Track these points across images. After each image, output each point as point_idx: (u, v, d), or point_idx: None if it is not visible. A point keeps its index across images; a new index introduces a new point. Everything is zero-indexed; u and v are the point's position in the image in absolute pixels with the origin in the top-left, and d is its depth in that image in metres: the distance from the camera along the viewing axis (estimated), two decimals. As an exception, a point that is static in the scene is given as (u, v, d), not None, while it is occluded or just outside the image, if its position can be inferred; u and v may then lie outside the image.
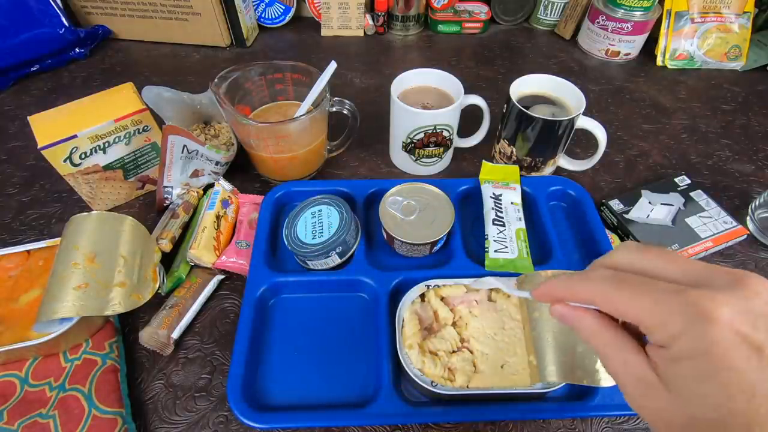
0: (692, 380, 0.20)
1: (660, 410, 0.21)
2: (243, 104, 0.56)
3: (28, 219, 0.55)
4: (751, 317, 0.19)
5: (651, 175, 0.61)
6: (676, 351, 0.20)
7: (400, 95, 0.56)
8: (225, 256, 0.48)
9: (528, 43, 0.85)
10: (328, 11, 0.83)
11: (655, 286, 0.21)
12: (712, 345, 0.19)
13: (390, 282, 0.46)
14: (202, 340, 0.45)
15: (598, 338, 0.24)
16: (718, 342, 0.19)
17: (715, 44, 0.77)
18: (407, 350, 0.39)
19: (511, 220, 0.50)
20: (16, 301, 0.43)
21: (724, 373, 0.19)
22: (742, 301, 0.19)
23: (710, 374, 0.19)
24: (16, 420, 0.38)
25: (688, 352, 0.20)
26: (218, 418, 0.40)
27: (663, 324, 0.20)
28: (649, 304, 0.21)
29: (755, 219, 0.54)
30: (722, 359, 0.19)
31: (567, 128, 0.52)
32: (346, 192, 0.54)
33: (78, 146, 0.48)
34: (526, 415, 0.40)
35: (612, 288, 0.22)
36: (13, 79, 0.73)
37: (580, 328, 0.25)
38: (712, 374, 0.19)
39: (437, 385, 0.37)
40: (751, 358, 0.19)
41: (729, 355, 0.19)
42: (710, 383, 0.19)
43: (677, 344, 0.20)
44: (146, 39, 0.83)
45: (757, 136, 0.67)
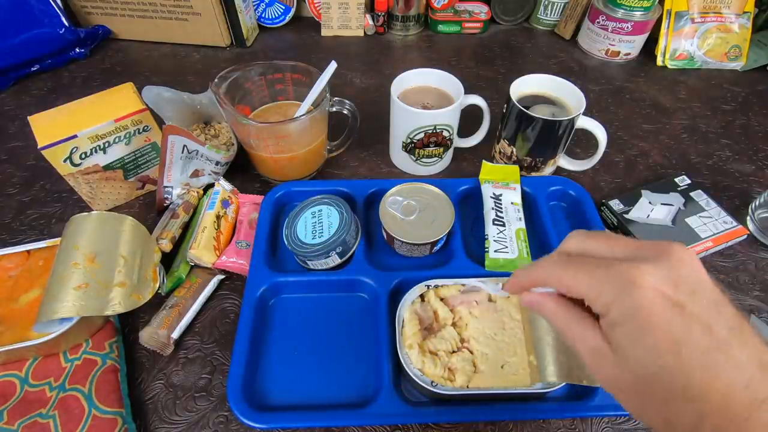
0: (628, 342, 0.22)
1: (612, 375, 0.23)
2: (243, 104, 0.56)
3: (28, 219, 0.55)
4: (674, 280, 0.22)
5: (651, 175, 0.61)
6: (611, 317, 0.22)
7: (400, 95, 0.56)
8: (225, 256, 0.48)
9: (528, 43, 0.85)
10: (328, 11, 0.83)
11: (592, 263, 0.24)
12: (639, 308, 0.21)
13: (390, 282, 0.46)
14: (202, 340, 0.45)
15: (558, 317, 0.26)
16: (643, 305, 0.21)
17: (715, 44, 0.77)
18: (407, 350, 0.39)
19: (511, 220, 0.50)
20: (16, 301, 0.43)
21: (650, 332, 0.21)
22: (666, 267, 0.22)
23: (641, 335, 0.21)
24: (16, 420, 0.38)
25: (620, 318, 0.22)
26: (218, 418, 0.40)
27: (598, 295, 0.23)
28: (586, 279, 0.24)
29: (755, 219, 0.54)
30: (648, 320, 0.21)
31: (567, 128, 0.52)
32: (346, 192, 0.54)
33: (78, 146, 0.48)
34: (526, 415, 0.40)
35: (559, 269, 0.25)
36: (13, 79, 0.73)
37: (544, 311, 0.27)
38: (642, 334, 0.21)
39: (437, 385, 0.37)
40: (674, 316, 0.21)
41: (654, 315, 0.21)
42: (642, 343, 0.21)
43: (611, 311, 0.22)
44: (146, 39, 0.83)
45: (757, 136, 0.67)
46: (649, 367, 0.21)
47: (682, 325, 0.21)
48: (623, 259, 0.23)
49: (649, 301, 0.21)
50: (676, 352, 0.21)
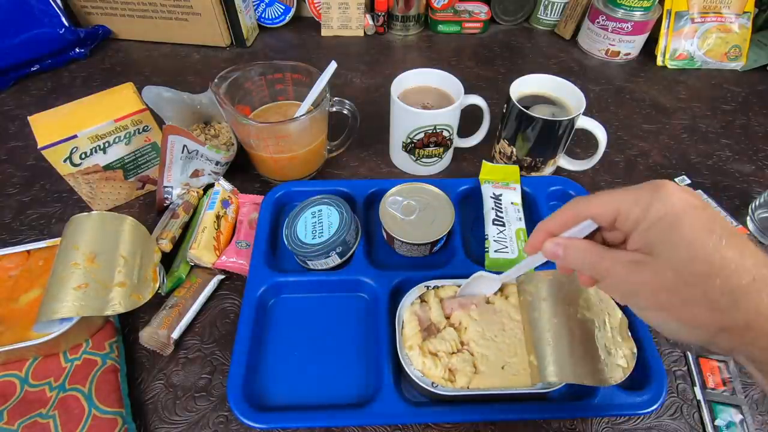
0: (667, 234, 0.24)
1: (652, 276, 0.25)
2: (243, 104, 0.56)
3: (28, 219, 0.55)
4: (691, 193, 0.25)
5: (651, 175, 0.61)
6: (651, 217, 0.25)
7: (400, 95, 0.56)
8: (225, 256, 0.48)
9: (528, 43, 0.85)
10: (328, 11, 0.83)
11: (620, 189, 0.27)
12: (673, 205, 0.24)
13: (390, 282, 0.46)
14: (202, 340, 0.45)
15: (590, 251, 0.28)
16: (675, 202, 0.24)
17: (715, 44, 0.77)
18: (407, 351, 0.39)
19: (511, 220, 0.50)
20: (16, 301, 0.43)
21: (686, 220, 0.24)
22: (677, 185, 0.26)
23: (677, 224, 0.24)
24: (16, 420, 0.38)
25: (658, 214, 0.25)
26: (218, 418, 0.40)
27: (636, 202, 0.25)
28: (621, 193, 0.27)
29: (755, 219, 0.54)
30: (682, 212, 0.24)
31: (567, 128, 0.52)
32: (346, 192, 0.54)
33: (78, 146, 0.48)
34: (526, 415, 0.40)
35: (591, 197, 0.28)
36: (13, 79, 0.73)
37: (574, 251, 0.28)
38: (679, 224, 0.24)
39: (438, 386, 0.37)
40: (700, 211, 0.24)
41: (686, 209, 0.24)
42: (679, 230, 0.24)
43: (649, 211, 0.25)
44: (146, 39, 0.83)
45: (757, 136, 0.67)
46: (689, 252, 0.23)
47: (708, 216, 0.24)
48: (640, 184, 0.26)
49: (680, 200, 0.24)
50: (710, 233, 0.23)
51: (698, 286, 0.23)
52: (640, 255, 0.25)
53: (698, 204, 0.24)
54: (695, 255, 0.23)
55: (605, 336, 0.37)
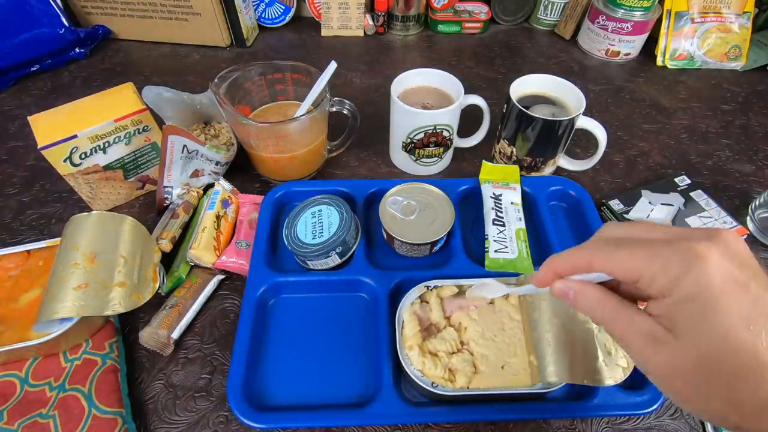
0: (696, 319, 0.21)
1: (670, 359, 0.22)
2: (243, 104, 0.56)
3: (28, 219, 0.55)
4: (735, 260, 0.21)
5: (651, 175, 0.61)
6: (680, 293, 0.21)
7: (400, 95, 0.56)
8: (225, 256, 0.48)
9: (528, 43, 0.85)
10: (328, 11, 0.83)
11: (649, 241, 0.23)
12: (709, 284, 0.21)
13: (390, 282, 0.46)
14: (202, 340, 0.45)
15: (603, 305, 0.24)
16: (712, 280, 0.21)
17: (715, 44, 0.77)
18: (407, 351, 0.39)
19: (511, 220, 0.50)
20: (16, 301, 0.43)
21: (722, 307, 0.20)
22: (723, 247, 0.21)
23: (711, 310, 0.21)
24: (16, 420, 0.38)
25: (689, 293, 0.21)
26: (218, 418, 0.40)
27: (663, 270, 0.22)
28: (646, 256, 0.22)
29: (755, 219, 0.54)
30: (719, 295, 0.20)
31: (567, 128, 0.52)
32: (346, 192, 0.54)
33: (78, 146, 0.48)
34: (526, 415, 0.40)
35: (611, 248, 0.24)
36: (13, 79, 0.73)
37: (583, 299, 0.25)
38: (713, 310, 0.21)
39: (438, 386, 0.37)
40: (741, 293, 0.21)
41: (724, 291, 0.20)
42: (713, 318, 0.21)
43: (679, 287, 0.21)
44: (146, 39, 0.83)
45: (757, 136, 0.67)
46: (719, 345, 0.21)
47: (749, 301, 0.21)
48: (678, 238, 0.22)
49: (719, 277, 0.21)
50: (748, 328, 0.20)
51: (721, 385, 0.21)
52: (660, 329, 0.22)
53: (742, 279, 0.21)
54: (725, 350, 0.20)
55: (605, 336, 0.37)
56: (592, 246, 0.25)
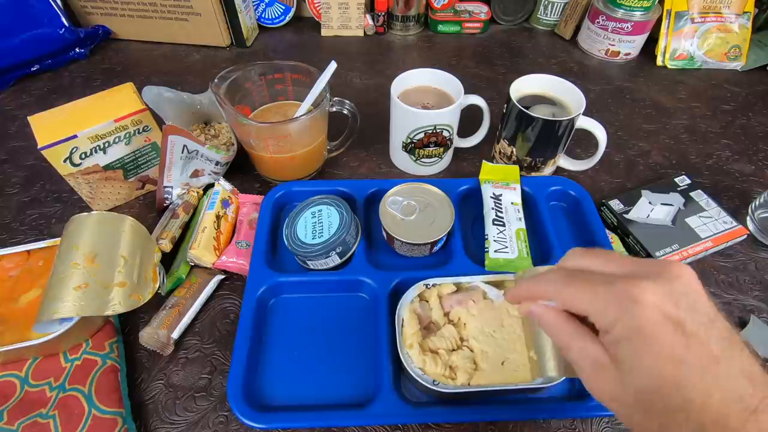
0: (632, 357, 0.23)
1: (612, 389, 0.24)
2: (243, 104, 0.56)
3: (28, 219, 0.55)
4: (674, 298, 0.23)
5: (651, 175, 0.61)
6: (616, 334, 0.23)
7: (400, 95, 0.56)
8: (225, 256, 0.48)
9: (528, 43, 0.85)
10: (328, 11, 0.83)
11: (594, 280, 0.25)
12: (643, 325, 0.22)
13: (390, 282, 0.46)
14: (202, 340, 0.45)
15: (558, 330, 0.27)
16: (646, 322, 0.22)
17: (715, 44, 0.77)
18: (408, 350, 0.39)
19: (511, 220, 0.50)
20: (16, 301, 0.43)
21: (655, 347, 0.22)
22: (665, 284, 0.23)
23: (644, 350, 0.22)
24: (16, 420, 0.38)
25: (624, 334, 0.23)
26: (218, 418, 0.40)
27: (603, 312, 0.24)
28: (590, 296, 0.24)
29: (755, 219, 0.54)
30: (651, 336, 0.22)
31: (567, 128, 0.52)
32: (346, 192, 0.54)
33: (78, 146, 0.48)
34: (526, 415, 0.40)
35: (562, 285, 0.26)
36: (13, 79, 0.73)
37: (543, 323, 0.28)
38: (645, 351, 0.22)
39: (439, 383, 0.37)
40: (676, 333, 0.22)
41: (657, 332, 0.22)
42: (646, 358, 0.22)
43: (615, 328, 0.23)
44: (146, 39, 0.83)
45: (757, 136, 0.67)
46: (651, 382, 0.22)
47: (682, 342, 0.22)
48: (623, 276, 0.24)
49: (652, 320, 0.22)
50: (677, 369, 0.22)
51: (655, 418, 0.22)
52: (606, 359, 0.24)
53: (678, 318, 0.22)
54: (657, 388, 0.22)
55: None
56: (549, 279, 0.27)
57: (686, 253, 0.50)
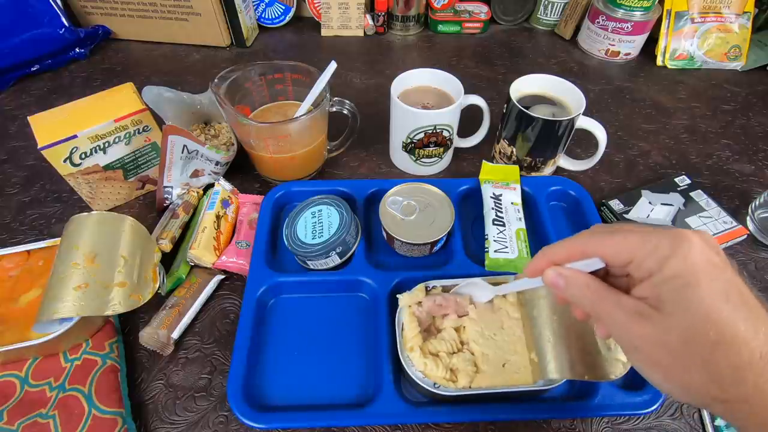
0: (680, 295, 0.23)
1: (654, 332, 0.24)
2: (243, 104, 0.56)
3: (28, 219, 0.55)
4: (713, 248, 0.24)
5: (651, 175, 0.61)
6: (668, 271, 0.23)
7: (400, 95, 0.56)
8: (225, 256, 0.48)
9: (528, 43, 0.85)
10: (328, 11, 0.83)
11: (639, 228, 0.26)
12: (693, 263, 0.23)
13: (390, 282, 0.46)
14: (202, 340, 0.45)
15: (591, 289, 0.26)
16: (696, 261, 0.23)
17: (715, 44, 0.77)
18: (408, 353, 0.38)
19: (511, 220, 0.50)
20: (16, 301, 0.43)
21: (704, 284, 0.23)
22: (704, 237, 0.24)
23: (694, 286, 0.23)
24: (16, 420, 0.38)
25: (675, 271, 0.23)
26: (218, 418, 0.40)
27: (654, 250, 0.24)
28: (639, 240, 0.25)
29: (755, 219, 0.54)
30: (701, 273, 0.23)
31: (567, 128, 0.52)
32: (346, 192, 0.54)
33: (78, 146, 0.48)
34: (526, 415, 0.40)
35: (604, 234, 0.26)
36: (13, 79, 0.73)
37: (574, 285, 0.27)
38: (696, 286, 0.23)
39: (440, 386, 0.37)
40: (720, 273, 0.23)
41: (706, 270, 0.23)
42: (695, 294, 0.23)
43: (668, 265, 0.23)
44: (146, 39, 0.83)
45: (757, 136, 0.67)
46: (701, 317, 0.22)
47: (726, 282, 0.23)
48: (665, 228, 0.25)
49: (701, 259, 0.23)
50: (726, 303, 0.22)
51: (703, 355, 0.22)
52: (646, 307, 0.24)
53: (719, 263, 0.23)
54: (707, 322, 0.22)
55: None
56: (585, 234, 0.27)
57: (686, 253, 0.50)
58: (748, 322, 0.22)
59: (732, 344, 0.22)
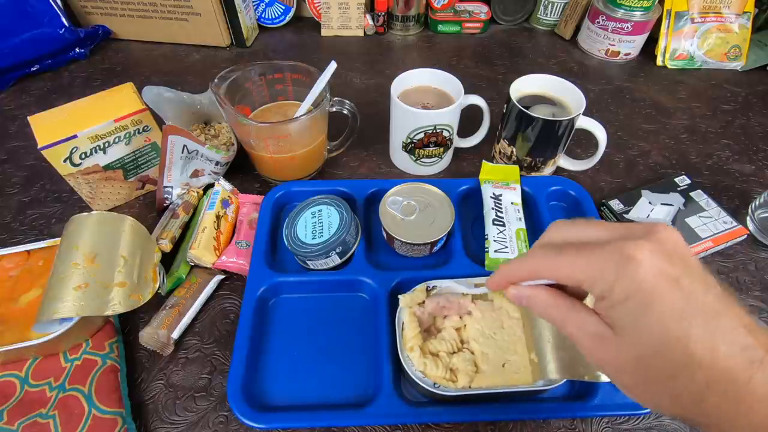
0: (632, 318, 0.22)
1: (615, 357, 0.23)
2: (243, 104, 0.56)
3: (28, 219, 0.55)
4: (667, 255, 0.22)
5: (651, 175, 0.61)
6: (615, 296, 0.22)
7: (400, 95, 0.56)
8: (225, 256, 0.48)
9: (528, 43, 0.85)
10: (328, 11, 0.83)
11: (586, 247, 0.24)
12: (642, 283, 0.22)
13: (390, 282, 0.46)
14: (202, 340, 0.45)
15: (554, 307, 0.26)
16: (645, 280, 0.22)
17: (715, 44, 0.77)
18: (408, 353, 0.38)
19: (511, 220, 0.50)
20: (16, 301, 0.43)
21: (654, 305, 0.21)
22: (657, 243, 0.23)
23: (645, 309, 0.22)
24: (16, 420, 0.38)
25: (623, 294, 0.22)
26: (218, 418, 0.40)
27: (600, 275, 0.23)
28: (585, 262, 0.24)
29: (755, 219, 0.54)
30: (651, 293, 0.22)
31: (567, 128, 0.52)
32: (346, 192, 0.54)
33: (78, 146, 0.48)
34: (526, 415, 0.40)
35: (554, 257, 0.25)
36: (13, 79, 0.73)
37: (535, 304, 0.27)
38: (646, 309, 0.22)
39: (439, 386, 0.37)
40: (674, 288, 0.22)
41: (656, 289, 0.21)
42: (647, 316, 0.22)
43: (614, 290, 0.22)
44: (146, 39, 0.83)
45: (757, 136, 0.67)
46: (655, 341, 0.22)
47: (681, 297, 0.21)
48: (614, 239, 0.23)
49: (651, 276, 0.22)
50: (679, 324, 0.21)
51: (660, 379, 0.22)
52: (604, 328, 0.24)
53: (673, 273, 0.22)
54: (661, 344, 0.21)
55: None
56: (537, 254, 0.26)
57: (686, 253, 0.50)
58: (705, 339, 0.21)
59: (686, 368, 0.21)
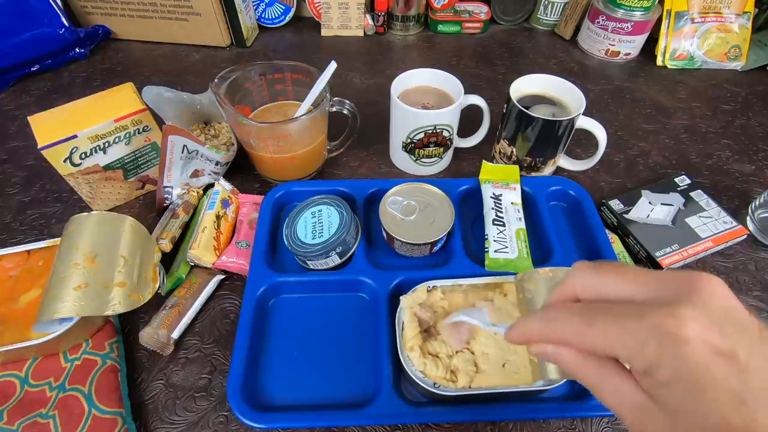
0: (684, 401, 0.20)
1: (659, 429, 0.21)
2: (243, 104, 0.56)
3: (28, 219, 0.55)
4: (717, 324, 0.20)
5: (651, 175, 0.61)
6: (662, 376, 0.20)
7: (400, 95, 0.56)
8: (225, 256, 0.48)
9: (528, 43, 0.85)
10: (328, 11, 0.83)
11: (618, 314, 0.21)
12: (693, 365, 0.19)
13: (390, 282, 0.46)
14: (202, 340, 0.45)
15: (584, 370, 0.23)
16: (696, 361, 0.19)
17: (715, 44, 0.77)
18: (408, 353, 0.38)
19: (511, 220, 0.50)
20: (16, 301, 0.43)
21: (710, 389, 0.19)
22: (703, 308, 0.20)
23: (699, 393, 0.19)
24: (16, 420, 0.38)
25: (673, 377, 0.20)
26: (218, 418, 0.40)
27: (639, 353, 0.20)
28: (618, 334, 0.21)
29: (755, 219, 0.54)
30: (705, 376, 0.19)
31: (567, 128, 0.52)
32: (346, 192, 0.54)
33: (78, 146, 0.48)
34: (526, 415, 0.40)
35: (582, 326, 0.22)
36: (13, 79, 0.73)
37: (564, 365, 0.24)
38: (698, 394, 0.19)
39: (439, 386, 0.37)
40: (730, 367, 0.19)
41: (710, 370, 0.19)
42: (701, 401, 0.19)
43: (660, 370, 0.20)
44: (146, 39, 0.83)
45: (757, 136, 0.67)
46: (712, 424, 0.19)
47: (738, 378, 0.19)
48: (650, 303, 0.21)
49: (702, 360, 0.19)
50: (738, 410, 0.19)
51: None
52: (644, 398, 0.21)
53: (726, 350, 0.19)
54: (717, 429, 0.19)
55: None
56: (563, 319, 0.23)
57: (686, 254, 0.50)
58: None
59: None
